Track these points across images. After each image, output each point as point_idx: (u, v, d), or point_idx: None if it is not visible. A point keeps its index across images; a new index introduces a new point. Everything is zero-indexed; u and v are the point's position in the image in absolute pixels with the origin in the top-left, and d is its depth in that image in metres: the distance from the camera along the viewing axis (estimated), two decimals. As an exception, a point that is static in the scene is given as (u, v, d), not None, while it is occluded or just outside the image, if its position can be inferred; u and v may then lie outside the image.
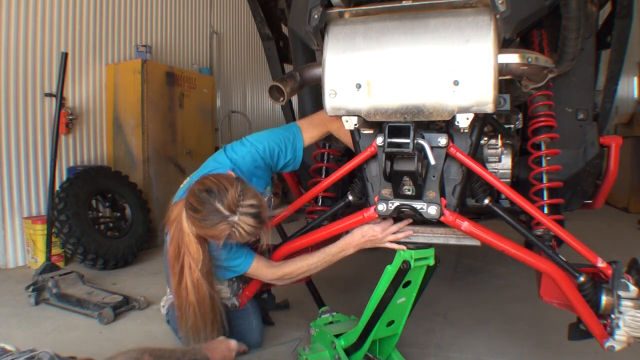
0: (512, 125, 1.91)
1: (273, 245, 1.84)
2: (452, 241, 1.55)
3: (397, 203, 1.43)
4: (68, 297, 2.67)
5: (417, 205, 1.40)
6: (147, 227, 3.92)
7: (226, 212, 1.49)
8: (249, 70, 7.13)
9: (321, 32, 1.43)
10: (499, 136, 1.80)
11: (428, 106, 1.29)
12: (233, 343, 1.73)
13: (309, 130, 1.87)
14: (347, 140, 1.82)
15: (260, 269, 1.76)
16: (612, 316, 1.36)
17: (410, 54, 1.30)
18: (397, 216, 1.51)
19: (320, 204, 2.18)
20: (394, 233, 1.57)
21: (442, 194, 1.43)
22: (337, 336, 1.78)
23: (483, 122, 1.45)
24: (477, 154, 1.72)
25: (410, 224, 1.57)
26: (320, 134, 1.90)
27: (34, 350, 1.57)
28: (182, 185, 1.89)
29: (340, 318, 1.97)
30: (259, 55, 7.03)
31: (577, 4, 1.42)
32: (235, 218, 1.49)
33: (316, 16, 1.39)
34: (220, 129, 5.93)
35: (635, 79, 6.72)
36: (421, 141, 1.29)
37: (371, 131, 1.51)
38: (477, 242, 1.50)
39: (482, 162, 1.82)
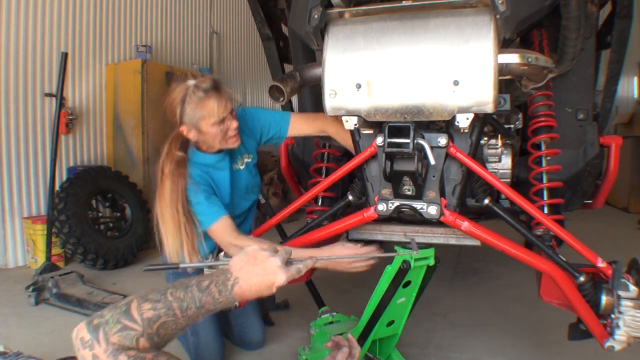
0: (512, 125, 1.91)
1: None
2: (452, 241, 1.55)
3: (397, 203, 1.43)
4: (68, 297, 2.67)
5: (417, 205, 1.40)
6: (147, 227, 3.92)
7: (188, 80, 1.72)
8: (249, 70, 7.13)
9: (321, 32, 1.42)
10: (499, 136, 1.80)
11: (428, 106, 1.29)
12: (283, 274, 1.04)
13: (300, 121, 1.95)
14: (346, 143, 1.85)
15: (225, 229, 1.72)
16: (612, 316, 1.36)
17: (410, 54, 1.30)
18: (396, 216, 1.51)
19: (320, 204, 2.18)
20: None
21: (442, 194, 1.42)
22: (337, 336, 1.78)
23: (483, 122, 1.45)
24: (477, 154, 1.72)
25: (410, 224, 1.57)
26: (312, 129, 1.94)
27: (20, 354, 1.58)
28: None
29: (340, 318, 1.97)
30: (259, 55, 7.03)
31: (577, 4, 1.42)
32: (193, 82, 1.69)
33: (316, 16, 1.39)
34: (220, 129, 5.93)
35: (635, 79, 6.72)
36: (421, 141, 1.29)
37: (371, 131, 1.50)
38: (477, 242, 1.50)
39: (482, 162, 1.82)
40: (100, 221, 3.82)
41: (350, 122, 1.41)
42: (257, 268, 1.03)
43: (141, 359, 0.85)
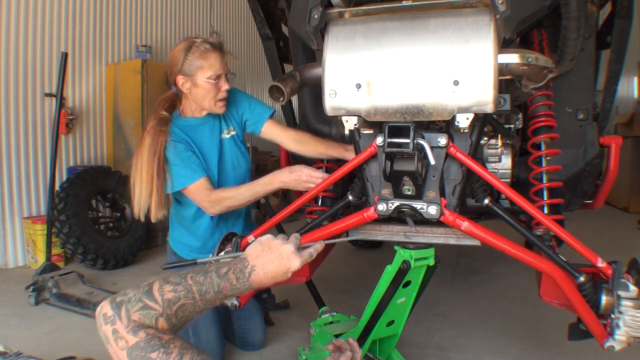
0: (512, 125, 1.91)
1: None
2: (452, 241, 1.55)
3: (397, 203, 1.43)
4: (68, 297, 2.67)
5: (417, 205, 1.40)
6: (147, 227, 3.92)
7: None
8: (249, 70, 7.13)
9: (321, 32, 1.43)
10: (499, 136, 1.80)
11: (428, 106, 1.29)
12: (297, 259, 1.09)
13: (276, 125, 2.08)
14: (317, 154, 2.01)
15: (202, 190, 1.81)
16: (612, 316, 1.36)
17: (410, 54, 1.30)
18: (396, 216, 1.51)
19: (320, 204, 2.18)
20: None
21: (442, 194, 1.42)
22: (337, 336, 1.78)
23: (483, 122, 1.45)
24: (477, 154, 1.72)
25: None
26: (285, 136, 2.05)
27: (20, 354, 1.59)
28: None
29: (340, 318, 1.97)
30: (259, 55, 7.03)
31: (577, 4, 1.42)
32: (199, 40, 1.81)
33: (316, 16, 1.39)
34: (220, 129, 5.93)
35: (635, 79, 6.73)
36: (421, 141, 1.29)
37: (371, 131, 1.50)
38: (477, 242, 1.50)
39: (482, 162, 1.82)
40: (100, 221, 3.82)
41: (350, 122, 1.41)
42: (272, 256, 1.08)
43: (158, 339, 0.87)
